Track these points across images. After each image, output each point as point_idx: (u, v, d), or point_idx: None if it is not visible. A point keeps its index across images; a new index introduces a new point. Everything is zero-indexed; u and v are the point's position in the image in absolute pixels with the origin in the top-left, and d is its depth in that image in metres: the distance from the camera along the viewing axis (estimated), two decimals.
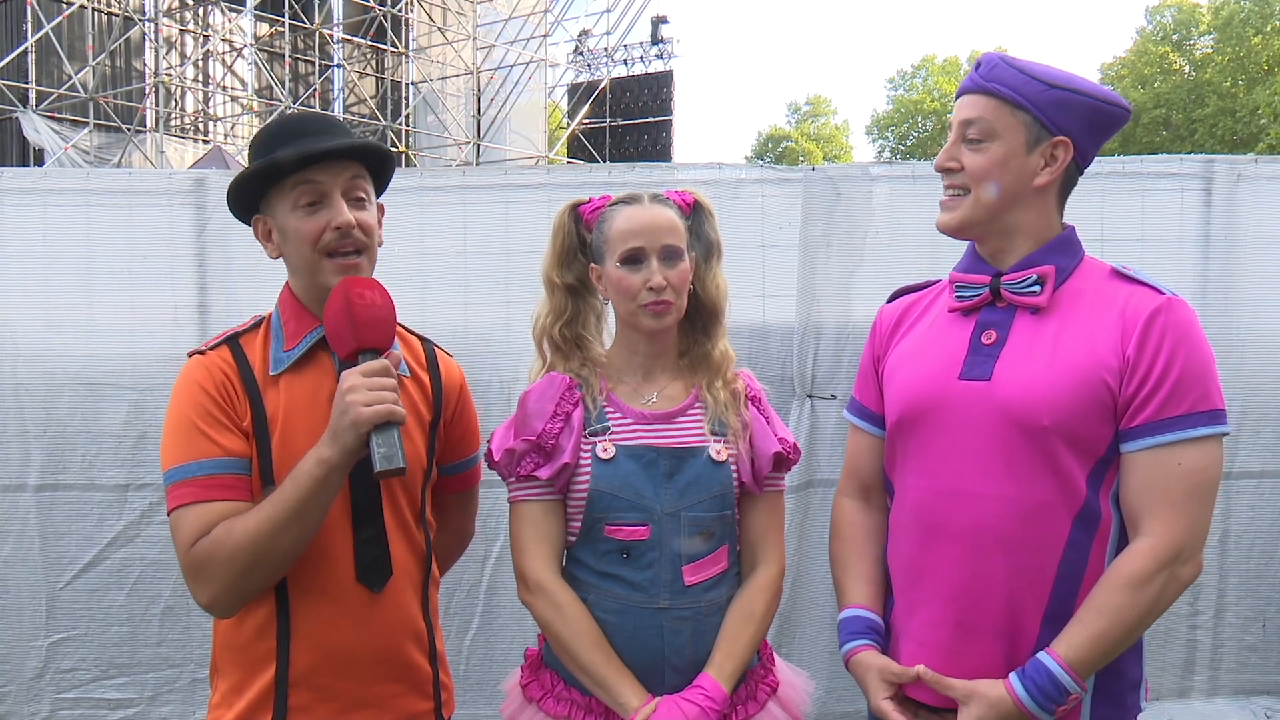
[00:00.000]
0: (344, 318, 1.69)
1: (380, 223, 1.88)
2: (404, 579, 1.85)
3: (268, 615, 1.77)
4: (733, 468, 1.95)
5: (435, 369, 2.00)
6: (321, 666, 1.77)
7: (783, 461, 2.01)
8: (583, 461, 1.91)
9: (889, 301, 2.11)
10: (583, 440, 1.92)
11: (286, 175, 1.76)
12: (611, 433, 1.93)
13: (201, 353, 1.81)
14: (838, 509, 2.07)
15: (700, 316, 2.03)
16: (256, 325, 1.88)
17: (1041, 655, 1.71)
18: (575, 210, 2.04)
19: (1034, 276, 1.81)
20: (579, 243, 2.03)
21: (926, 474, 1.85)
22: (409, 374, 1.91)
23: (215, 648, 1.85)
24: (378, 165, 1.88)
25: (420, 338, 2.04)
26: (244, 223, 1.89)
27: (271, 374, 1.80)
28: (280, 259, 1.86)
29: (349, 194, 1.79)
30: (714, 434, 1.96)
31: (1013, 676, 1.72)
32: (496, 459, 1.96)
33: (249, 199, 1.84)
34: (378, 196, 1.90)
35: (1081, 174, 1.88)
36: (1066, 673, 1.68)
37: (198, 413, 1.74)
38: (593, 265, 2.00)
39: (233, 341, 1.84)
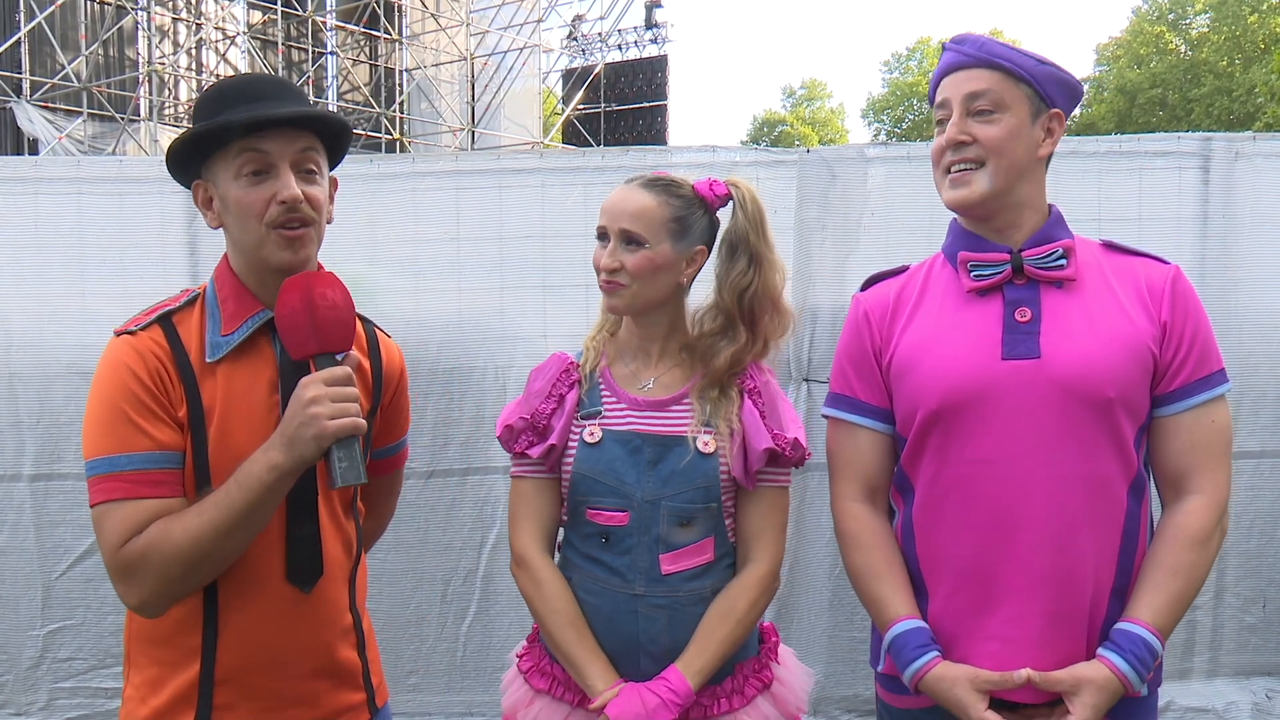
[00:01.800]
0: (305, 319, 1.59)
1: (332, 198, 1.77)
2: (335, 572, 1.77)
3: (193, 610, 1.66)
4: (721, 460, 1.90)
5: (376, 353, 1.89)
6: (249, 665, 1.69)
7: (778, 457, 1.92)
8: (570, 443, 1.93)
9: (864, 289, 2.04)
10: (574, 422, 1.94)
11: (233, 140, 1.63)
12: (603, 417, 1.94)
13: (131, 333, 1.66)
14: (849, 516, 1.94)
15: (720, 315, 1.96)
16: (191, 301, 1.73)
17: (1128, 626, 1.71)
18: None
19: (1059, 251, 1.81)
20: None
21: (985, 462, 1.77)
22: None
23: (128, 638, 1.74)
24: (332, 137, 1.75)
25: (362, 318, 1.90)
26: (184, 186, 1.75)
27: (208, 361, 1.67)
28: (220, 230, 1.72)
29: (299, 166, 1.67)
30: (706, 425, 1.91)
31: (1109, 654, 1.71)
32: (498, 434, 1.99)
33: (190, 163, 1.71)
34: (331, 170, 1.78)
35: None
36: (1157, 638, 1.70)
37: (128, 400, 1.60)
38: None
39: (165, 321, 1.68)
